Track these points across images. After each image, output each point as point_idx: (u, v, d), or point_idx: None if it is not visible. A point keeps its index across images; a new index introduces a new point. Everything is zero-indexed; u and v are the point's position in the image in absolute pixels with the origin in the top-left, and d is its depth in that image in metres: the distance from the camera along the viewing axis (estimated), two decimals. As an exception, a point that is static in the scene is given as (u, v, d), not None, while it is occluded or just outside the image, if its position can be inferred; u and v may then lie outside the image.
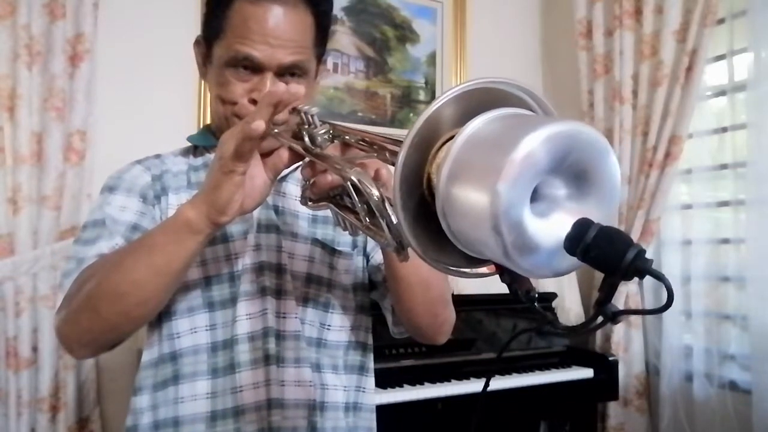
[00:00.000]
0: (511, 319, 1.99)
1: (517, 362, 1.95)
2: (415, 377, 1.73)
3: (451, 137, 0.42)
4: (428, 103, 2.55)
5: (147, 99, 1.97)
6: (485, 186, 0.37)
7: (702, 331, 1.97)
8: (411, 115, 2.41)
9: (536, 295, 0.45)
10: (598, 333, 2.20)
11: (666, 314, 2.03)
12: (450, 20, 2.48)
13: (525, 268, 0.39)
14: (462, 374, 1.80)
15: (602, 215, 0.40)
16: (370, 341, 0.97)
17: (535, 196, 0.39)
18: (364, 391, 0.94)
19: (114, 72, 1.90)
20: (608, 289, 0.38)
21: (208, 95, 2.02)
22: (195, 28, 2.03)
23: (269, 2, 0.81)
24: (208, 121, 2.01)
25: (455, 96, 0.43)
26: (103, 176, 1.83)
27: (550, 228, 0.40)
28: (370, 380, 0.95)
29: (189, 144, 0.98)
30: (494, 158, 0.37)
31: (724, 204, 1.99)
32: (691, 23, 1.97)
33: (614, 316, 0.39)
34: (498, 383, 1.79)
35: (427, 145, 0.44)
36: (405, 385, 1.69)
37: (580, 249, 0.38)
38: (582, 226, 0.38)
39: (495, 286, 0.46)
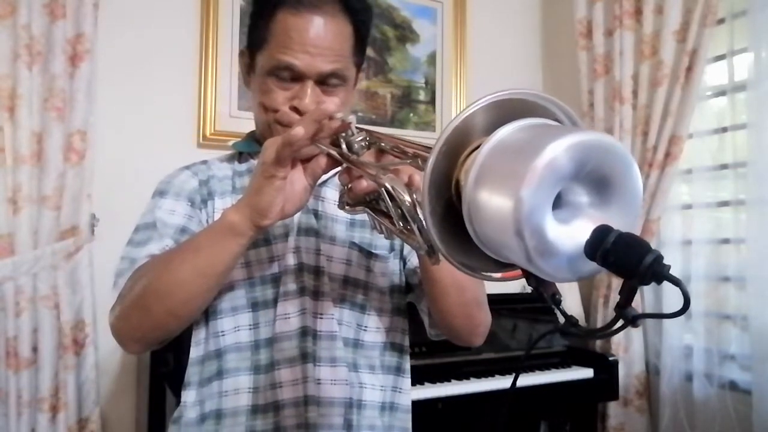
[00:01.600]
0: (511, 319, 1.99)
1: (518, 362, 1.95)
2: (415, 377, 1.71)
3: (479, 145, 0.43)
4: (428, 103, 2.56)
5: (147, 99, 1.97)
6: (509, 191, 0.39)
7: (702, 331, 1.97)
8: (411, 115, 2.41)
9: (561, 299, 0.47)
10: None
11: (666, 314, 2.03)
12: (450, 20, 2.48)
13: (546, 271, 0.41)
14: (462, 374, 1.80)
15: (623, 223, 0.41)
16: (407, 343, 0.99)
17: (558, 203, 0.41)
18: (400, 392, 0.96)
19: (114, 72, 1.90)
20: (627, 294, 0.40)
21: (208, 95, 2.05)
22: (195, 29, 2.05)
23: (310, 13, 0.84)
24: (208, 122, 2.03)
25: (484, 105, 0.44)
26: (103, 176, 1.85)
27: (572, 233, 0.41)
28: (407, 381, 0.98)
29: (234, 150, 1.02)
30: (518, 165, 0.39)
31: (724, 204, 1.99)
32: (691, 23, 1.97)
33: (634, 320, 0.41)
34: (498, 383, 1.79)
35: (456, 152, 0.45)
36: (405, 385, 1.69)
37: (600, 254, 0.39)
38: (601, 232, 0.40)
39: (495, 286, 0.47)
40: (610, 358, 2.02)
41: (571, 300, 2.18)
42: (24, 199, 1.68)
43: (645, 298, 2.16)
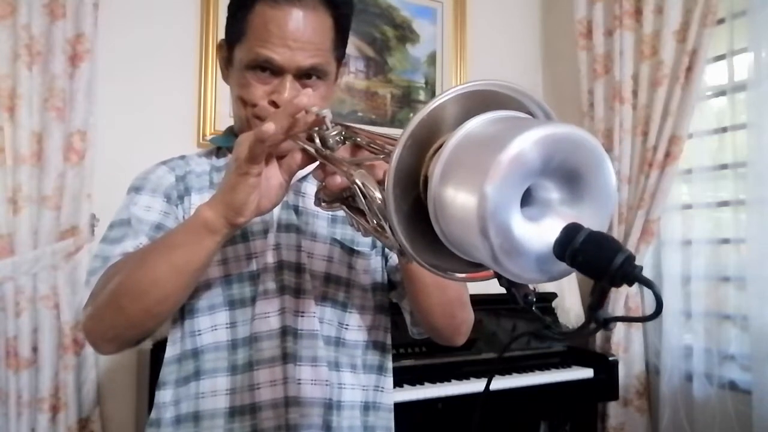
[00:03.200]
0: (512, 319, 1.99)
1: (517, 362, 1.95)
2: (415, 377, 1.73)
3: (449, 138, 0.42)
4: (428, 103, 2.57)
5: (147, 99, 1.97)
6: (473, 187, 0.37)
7: (702, 331, 1.97)
8: (411, 115, 2.40)
9: (534, 299, 0.44)
10: (599, 333, 2.20)
11: (666, 314, 2.03)
12: (450, 20, 2.48)
13: (513, 272, 0.39)
14: (462, 374, 1.80)
15: (596, 221, 0.40)
16: (389, 341, 0.98)
17: (528, 200, 0.39)
18: (382, 391, 0.95)
19: (114, 72, 1.90)
20: (599, 295, 0.38)
21: (208, 95, 2.04)
22: (195, 28, 2.05)
23: (289, 6, 0.83)
24: (208, 121, 2.03)
25: (453, 97, 0.42)
26: (103, 176, 1.85)
27: (541, 232, 0.39)
28: (389, 380, 0.96)
29: (213, 145, 1.00)
30: (483, 159, 0.37)
31: (724, 204, 1.99)
32: (691, 23, 1.97)
33: (606, 323, 0.39)
34: (498, 383, 1.79)
35: (425, 146, 0.43)
36: (405, 385, 1.69)
37: (568, 254, 0.37)
38: (571, 230, 0.38)
39: (495, 286, 0.46)
40: (610, 358, 2.02)
41: (571, 300, 2.18)
42: (24, 199, 1.68)
43: (645, 300, 2.16)
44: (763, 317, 1.78)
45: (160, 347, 1.76)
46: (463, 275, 0.48)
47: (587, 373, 1.96)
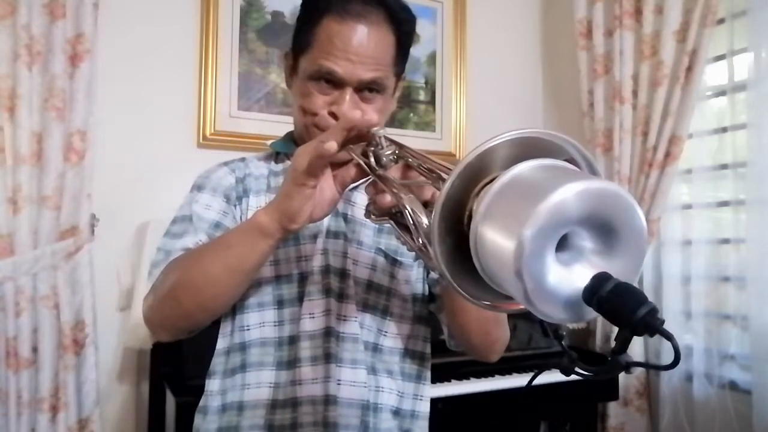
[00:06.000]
0: (512, 319, 1.98)
1: (517, 362, 1.94)
2: (415, 377, 1.73)
3: (495, 178, 0.44)
4: (428, 103, 2.56)
5: (147, 99, 1.97)
6: (512, 231, 0.39)
7: (702, 331, 1.97)
8: (411, 115, 2.41)
9: (564, 334, 0.48)
10: (599, 333, 2.21)
11: (666, 314, 2.03)
12: (450, 20, 2.48)
13: (543, 312, 0.41)
14: (462, 374, 1.80)
15: (625, 271, 0.42)
16: (428, 351, 0.99)
17: (563, 245, 0.41)
18: (421, 399, 0.97)
19: (114, 72, 1.90)
20: (622, 342, 0.41)
21: (208, 95, 2.05)
22: (195, 29, 2.05)
23: (355, 21, 0.86)
24: (208, 121, 2.03)
25: (507, 141, 0.45)
26: (103, 176, 1.85)
27: (571, 278, 0.42)
28: (427, 388, 0.98)
29: (272, 149, 1.03)
30: (525, 206, 0.39)
31: (724, 204, 1.99)
32: (691, 23, 1.97)
33: (627, 367, 0.42)
34: (498, 383, 1.79)
35: (470, 183, 0.46)
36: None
37: (596, 301, 0.40)
38: (600, 279, 0.40)
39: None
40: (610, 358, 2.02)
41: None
42: (24, 199, 1.68)
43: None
44: (763, 317, 1.78)
45: (160, 347, 1.76)
46: (496, 305, 0.50)
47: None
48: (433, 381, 1.71)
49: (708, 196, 2.02)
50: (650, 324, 0.38)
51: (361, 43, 0.86)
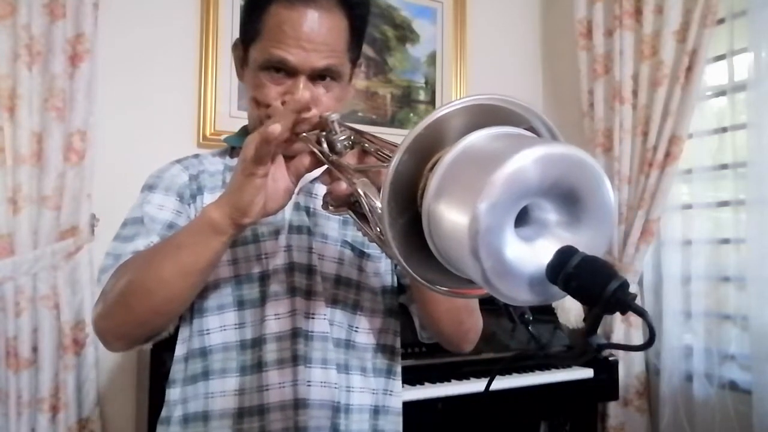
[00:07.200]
0: (512, 320, 1.98)
1: (517, 362, 1.94)
2: (415, 377, 1.73)
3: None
4: (428, 103, 2.55)
5: (147, 99, 1.97)
6: (465, 205, 0.36)
7: (702, 331, 1.97)
8: (411, 115, 2.41)
9: (531, 318, 0.44)
10: (599, 333, 2.20)
11: (666, 314, 2.03)
12: (450, 20, 2.48)
13: (505, 293, 0.38)
14: (462, 374, 1.79)
15: (593, 245, 0.38)
16: (398, 345, 0.97)
17: (524, 219, 0.37)
18: (391, 395, 0.95)
19: (114, 72, 1.90)
20: (592, 321, 0.38)
21: (208, 95, 2.04)
22: (195, 28, 2.05)
23: (305, 6, 0.82)
24: (208, 121, 2.03)
25: (456, 110, 0.41)
26: (103, 176, 1.85)
27: (534, 254, 0.38)
28: (398, 383, 0.96)
29: (227, 145, 1.01)
30: (479, 176, 0.35)
31: (724, 204, 1.99)
32: (691, 23, 1.97)
33: (599, 349, 0.39)
34: (498, 383, 1.79)
35: (425, 159, 0.42)
36: (405, 385, 1.68)
37: (561, 278, 0.36)
38: (564, 254, 0.37)
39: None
40: (610, 358, 2.02)
41: (572, 300, 2.17)
42: (24, 199, 1.68)
43: (645, 299, 2.16)
44: (763, 317, 1.78)
45: (160, 347, 1.76)
46: (455, 290, 0.46)
47: (587, 373, 1.96)
48: (433, 381, 1.74)
49: (708, 196, 2.02)
50: (621, 300, 0.35)
51: (312, 28, 0.81)
